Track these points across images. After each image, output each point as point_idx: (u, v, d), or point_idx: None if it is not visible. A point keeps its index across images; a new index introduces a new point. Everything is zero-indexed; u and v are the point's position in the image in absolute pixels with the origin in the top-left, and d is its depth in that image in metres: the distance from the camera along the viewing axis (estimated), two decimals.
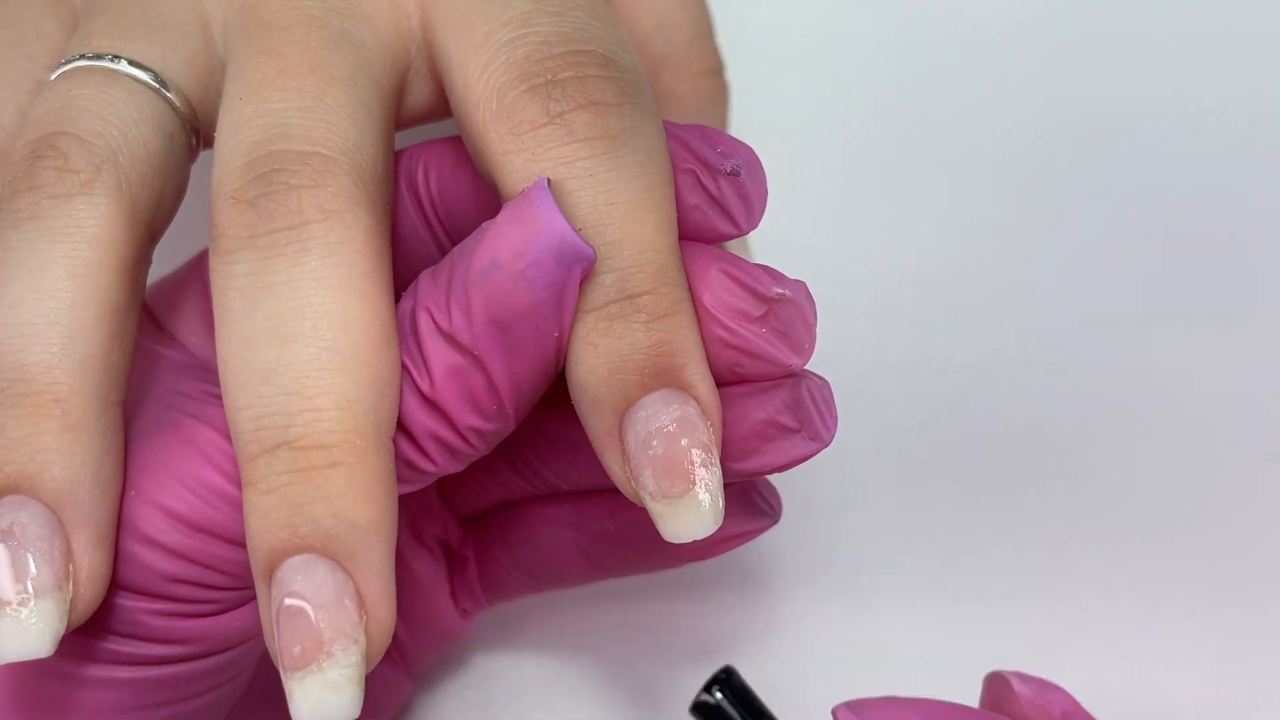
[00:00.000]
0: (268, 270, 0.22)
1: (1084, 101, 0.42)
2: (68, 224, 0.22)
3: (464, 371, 0.22)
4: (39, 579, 0.21)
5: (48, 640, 0.21)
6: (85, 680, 0.23)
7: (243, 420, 0.22)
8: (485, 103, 0.23)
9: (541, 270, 0.21)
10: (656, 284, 0.22)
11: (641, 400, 0.22)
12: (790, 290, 0.23)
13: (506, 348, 0.22)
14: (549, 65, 0.22)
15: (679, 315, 0.22)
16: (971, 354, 0.38)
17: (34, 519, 0.21)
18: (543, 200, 0.21)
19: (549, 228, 0.21)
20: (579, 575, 0.30)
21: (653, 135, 0.23)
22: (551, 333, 0.22)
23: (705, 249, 0.23)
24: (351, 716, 0.21)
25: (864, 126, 0.43)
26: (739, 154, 0.24)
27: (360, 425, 0.21)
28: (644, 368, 0.22)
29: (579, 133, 0.22)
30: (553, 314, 0.21)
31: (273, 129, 0.22)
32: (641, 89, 0.23)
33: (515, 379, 0.22)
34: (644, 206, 0.22)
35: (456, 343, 0.22)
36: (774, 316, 0.22)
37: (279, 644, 0.21)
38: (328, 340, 0.21)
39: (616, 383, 0.22)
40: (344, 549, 0.21)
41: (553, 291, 0.21)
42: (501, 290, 0.21)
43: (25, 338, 0.22)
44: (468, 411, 0.22)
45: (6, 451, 0.22)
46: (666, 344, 0.22)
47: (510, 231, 0.21)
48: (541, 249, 0.21)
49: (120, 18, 0.25)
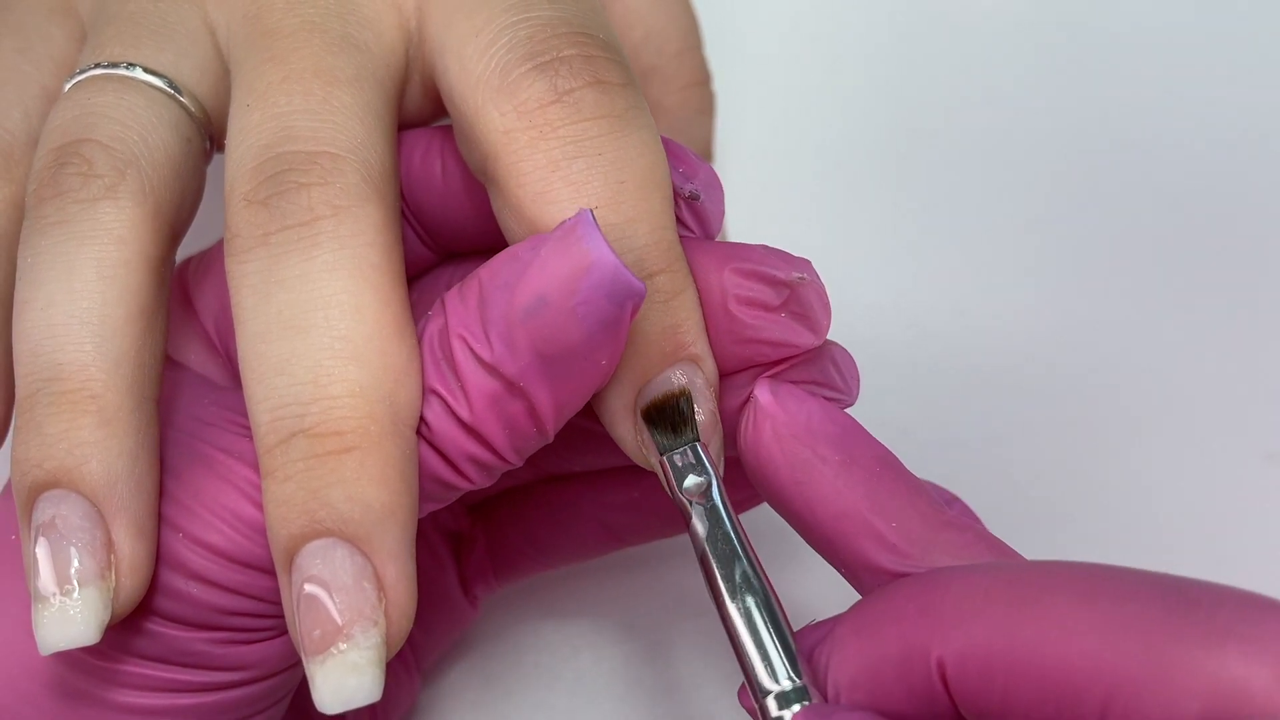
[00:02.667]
0: (280, 266, 0.22)
1: (1083, 101, 0.43)
2: (95, 227, 0.23)
3: (504, 399, 0.22)
4: (82, 569, 0.22)
5: (93, 628, 0.22)
6: (149, 710, 0.24)
7: (260, 413, 0.22)
8: (486, 82, 0.23)
9: (594, 308, 0.21)
10: (669, 262, 0.22)
11: (657, 376, 0.23)
12: (805, 272, 0.23)
13: (553, 379, 0.22)
14: (553, 44, 0.23)
15: (688, 292, 0.23)
16: (971, 354, 0.38)
17: (74, 511, 0.22)
18: (591, 235, 0.21)
19: (601, 264, 0.20)
20: (596, 547, 0.30)
21: (648, 116, 0.23)
22: (600, 362, 0.22)
23: (710, 245, 0.24)
24: (373, 699, 0.21)
25: (862, 126, 0.43)
26: (700, 175, 0.24)
27: (375, 411, 0.21)
28: (662, 345, 0.22)
29: (587, 111, 0.22)
30: (605, 347, 0.21)
31: (281, 132, 0.23)
32: (635, 75, 0.23)
33: (559, 405, 0.22)
34: (651, 184, 0.22)
35: (498, 373, 0.22)
36: (793, 301, 0.23)
37: (300, 629, 0.21)
38: (341, 330, 0.22)
39: (636, 361, 0.22)
40: (361, 532, 0.21)
41: (606, 328, 0.21)
42: (551, 328, 0.21)
43: (59, 338, 0.22)
44: (507, 436, 0.22)
45: (45, 448, 0.22)
46: (682, 322, 0.22)
47: (556, 266, 0.21)
48: (593, 286, 0.21)
49: (131, 26, 0.25)
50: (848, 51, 0.44)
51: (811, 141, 0.43)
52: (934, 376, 0.38)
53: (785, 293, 0.23)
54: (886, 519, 0.22)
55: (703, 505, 0.22)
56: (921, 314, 0.39)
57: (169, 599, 0.23)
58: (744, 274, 0.23)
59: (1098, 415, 0.37)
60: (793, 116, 0.43)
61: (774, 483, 0.23)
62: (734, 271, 0.23)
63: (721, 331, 0.23)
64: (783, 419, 0.23)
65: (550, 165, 0.22)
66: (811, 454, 0.22)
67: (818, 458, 0.22)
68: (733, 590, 0.21)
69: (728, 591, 0.21)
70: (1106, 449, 0.37)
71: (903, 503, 0.22)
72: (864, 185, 0.42)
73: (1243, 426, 0.37)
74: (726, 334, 0.23)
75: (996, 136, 0.42)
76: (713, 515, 0.22)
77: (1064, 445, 0.37)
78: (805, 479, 0.22)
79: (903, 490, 0.22)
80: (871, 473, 0.22)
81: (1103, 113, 0.42)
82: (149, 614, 0.23)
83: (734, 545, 0.22)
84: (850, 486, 0.22)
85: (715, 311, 0.23)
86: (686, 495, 0.22)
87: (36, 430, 0.22)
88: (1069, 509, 0.36)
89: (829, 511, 0.22)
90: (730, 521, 0.22)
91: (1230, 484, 0.36)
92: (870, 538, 0.22)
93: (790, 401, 0.23)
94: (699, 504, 0.22)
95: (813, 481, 0.22)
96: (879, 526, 0.22)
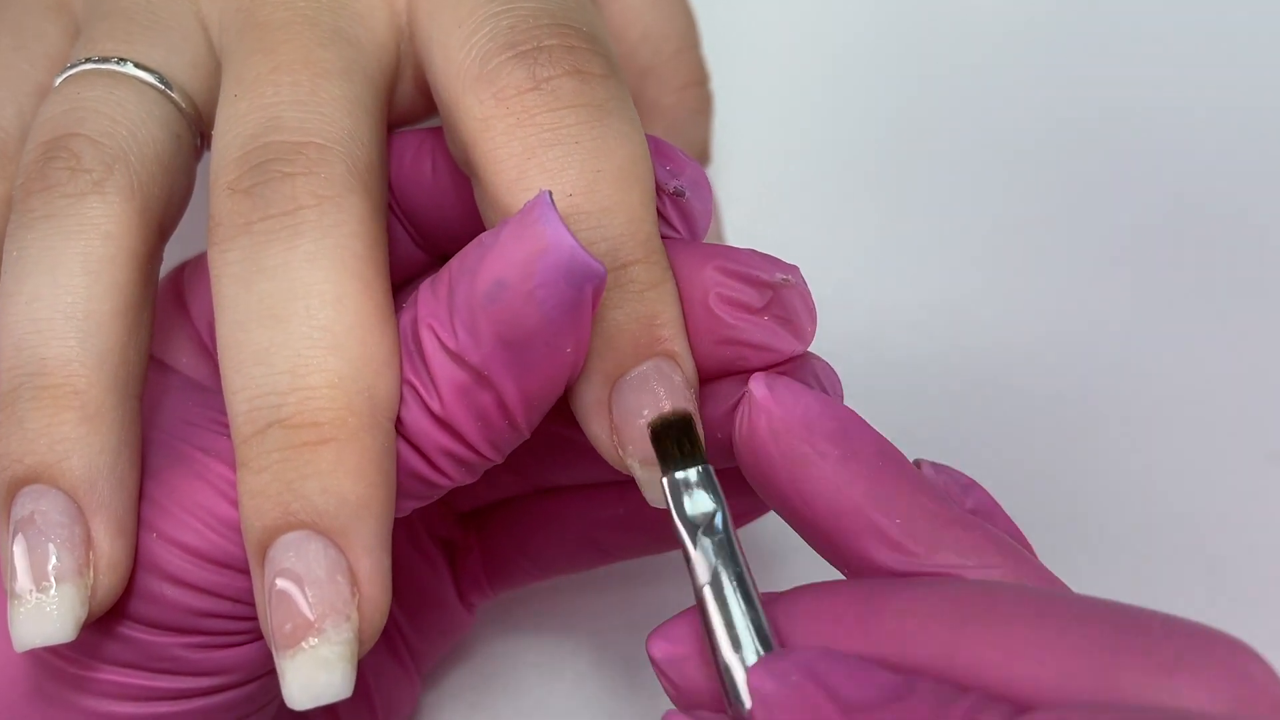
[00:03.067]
0: (262, 255, 0.22)
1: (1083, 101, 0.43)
2: (81, 222, 0.23)
3: (473, 390, 0.22)
4: (60, 565, 0.21)
5: (70, 626, 0.21)
6: (127, 718, 0.23)
7: (237, 403, 0.22)
8: (466, 71, 0.23)
9: (552, 290, 0.20)
10: (645, 253, 0.22)
11: (633, 370, 0.22)
12: (791, 275, 0.23)
13: (517, 367, 0.21)
14: (534, 34, 0.22)
15: (666, 284, 0.22)
16: (971, 354, 0.38)
17: (54, 507, 0.22)
18: (546, 215, 0.20)
19: (556, 245, 0.20)
20: (587, 561, 0.30)
21: (632, 110, 0.23)
22: (564, 349, 0.21)
23: (694, 244, 0.23)
24: (343, 696, 0.21)
25: (861, 126, 0.43)
26: (687, 173, 0.24)
27: (353, 403, 0.21)
28: (636, 336, 0.22)
29: (564, 99, 0.22)
30: (566, 332, 0.21)
31: (267, 122, 0.23)
32: (619, 70, 0.23)
33: (527, 396, 0.22)
34: (630, 176, 0.22)
35: (465, 362, 0.21)
36: (776, 304, 0.22)
37: (271, 623, 0.21)
38: (321, 320, 0.21)
39: (609, 353, 0.22)
40: (335, 525, 0.21)
41: (565, 310, 0.21)
42: (510, 311, 0.21)
43: (43, 333, 0.22)
44: (479, 428, 0.22)
45: (26, 443, 0.22)
46: (658, 314, 0.22)
47: (514, 249, 0.20)
48: (550, 268, 0.20)
49: (124, 22, 0.25)
50: (846, 51, 0.44)
51: (810, 141, 0.42)
52: (933, 376, 0.38)
53: (769, 294, 0.22)
54: (890, 516, 0.21)
55: (709, 539, 0.21)
56: (921, 314, 0.39)
57: (143, 601, 0.22)
58: (727, 273, 0.22)
59: (1098, 415, 0.37)
60: (791, 116, 0.43)
61: (771, 480, 0.22)
62: (717, 270, 0.22)
63: (702, 331, 0.22)
64: (779, 413, 0.21)
65: (526, 153, 0.22)
66: (810, 449, 0.21)
67: (816, 453, 0.21)
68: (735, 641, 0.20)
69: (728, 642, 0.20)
70: (1106, 449, 0.37)
71: (907, 499, 0.21)
72: (863, 185, 0.42)
73: (1243, 426, 0.37)
74: (707, 334, 0.22)
75: (996, 136, 0.42)
76: (721, 551, 0.21)
77: (1064, 445, 0.37)
78: (803, 475, 0.21)
79: (906, 486, 0.21)
80: (873, 468, 0.21)
81: (1103, 112, 0.42)
82: (122, 618, 0.23)
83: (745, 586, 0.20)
84: (851, 483, 0.21)
85: (696, 310, 0.22)
86: (690, 523, 0.21)
87: (18, 425, 0.22)
88: (1069, 509, 0.36)
89: (829, 509, 0.21)
90: (743, 562, 0.20)
91: (1230, 484, 0.36)
92: (873, 535, 0.21)
93: (787, 395, 0.22)
94: (705, 536, 0.21)
95: (811, 478, 0.21)
96: (882, 523, 0.21)
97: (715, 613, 0.20)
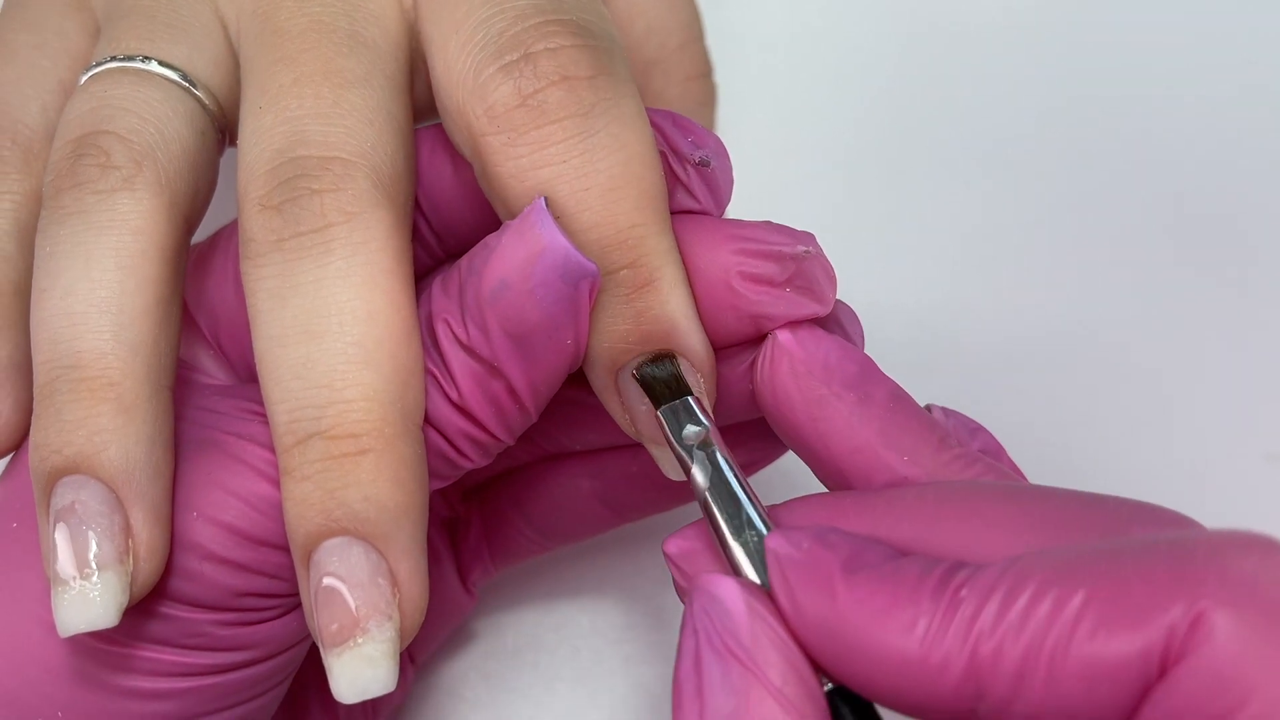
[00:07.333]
0: (295, 272, 0.23)
1: (1084, 101, 0.43)
2: (112, 218, 0.23)
3: (486, 380, 0.23)
4: (101, 553, 0.22)
5: (112, 611, 0.22)
6: (157, 694, 0.24)
7: (278, 414, 0.23)
8: (463, 83, 0.24)
9: (549, 289, 0.22)
10: (634, 258, 0.23)
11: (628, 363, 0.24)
12: (810, 245, 0.24)
13: (523, 358, 0.23)
14: (523, 38, 0.23)
15: (658, 281, 0.23)
16: (971, 354, 0.38)
17: (93, 496, 0.22)
18: (543, 221, 0.22)
19: (551, 249, 0.22)
20: (596, 524, 0.31)
21: (627, 103, 0.23)
22: (565, 340, 0.23)
23: (711, 221, 0.24)
24: (387, 689, 0.22)
25: (864, 120, 0.43)
26: (708, 144, 0.25)
27: (387, 414, 0.22)
28: (629, 336, 0.23)
29: (551, 114, 0.23)
30: (565, 325, 0.23)
31: (293, 136, 0.23)
32: (615, 57, 0.24)
33: (533, 383, 0.23)
34: (620, 184, 0.23)
35: (476, 355, 0.23)
36: (798, 276, 0.23)
37: (318, 623, 0.22)
38: (354, 335, 0.22)
39: (604, 351, 0.23)
40: (376, 531, 0.22)
41: (563, 306, 0.22)
42: (513, 308, 0.22)
43: (78, 326, 0.23)
44: (493, 413, 0.24)
45: (64, 434, 0.23)
46: (647, 312, 0.23)
47: (514, 252, 0.22)
48: (547, 268, 0.22)
49: (145, 21, 0.26)
50: (850, 45, 0.44)
51: (813, 134, 0.43)
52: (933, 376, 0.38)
53: (791, 267, 0.23)
54: (899, 453, 0.23)
55: (703, 453, 0.23)
56: (921, 313, 0.39)
57: (182, 580, 0.23)
58: (748, 252, 0.23)
59: (1098, 415, 0.37)
60: (794, 109, 0.43)
61: (790, 419, 0.23)
62: (737, 249, 0.23)
63: (726, 308, 0.24)
64: (800, 356, 0.23)
65: (518, 174, 0.23)
66: (827, 391, 0.23)
67: (833, 394, 0.23)
68: (737, 529, 0.22)
69: (731, 531, 0.22)
70: (1106, 448, 0.37)
71: (915, 438, 0.23)
72: (865, 179, 0.42)
73: (1243, 426, 0.37)
74: (730, 310, 0.24)
75: (997, 134, 0.42)
76: (713, 461, 0.23)
77: (1064, 445, 0.37)
78: (821, 415, 0.23)
79: (915, 425, 0.23)
80: (886, 409, 0.23)
81: (1104, 112, 0.43)
82: (161, 597, 0.23)
83: (733, 489, 0.22)
84: (865, 422, 0.23)
85: (719, 289, 0.23)
86: (685, 444, 0.23)
87: (55, 416, 0.23)
88: None
89: (843, 447, 0.23)
90: (729, 466, 0.23)
91: (1230, 484, 0.36)
92: (882, 470, 0.23)
93: (809, 340, 0.23)
94: (699, 451, 0.23)
95: (828, 418, 0.23)
96: (890, 460, 0.23)
97: (718, 509, 0.22)
